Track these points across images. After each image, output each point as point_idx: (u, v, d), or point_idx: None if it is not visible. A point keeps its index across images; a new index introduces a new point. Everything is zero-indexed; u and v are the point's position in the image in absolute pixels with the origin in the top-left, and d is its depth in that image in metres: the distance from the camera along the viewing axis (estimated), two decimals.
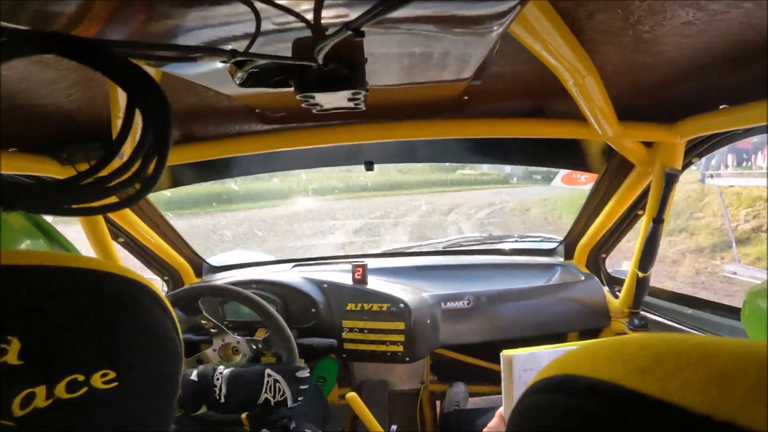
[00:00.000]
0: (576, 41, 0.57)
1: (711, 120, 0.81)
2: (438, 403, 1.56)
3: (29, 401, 0.25)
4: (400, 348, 1.21)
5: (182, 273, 1.46)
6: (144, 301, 0.32)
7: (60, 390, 0.26)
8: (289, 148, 0.99)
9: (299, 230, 7.33)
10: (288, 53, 0.47)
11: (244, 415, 0.96)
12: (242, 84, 0.49)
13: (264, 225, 7.67)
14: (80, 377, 0.27)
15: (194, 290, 1.04)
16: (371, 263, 1.37)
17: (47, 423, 0.25)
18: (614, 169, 1.16)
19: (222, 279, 1.40)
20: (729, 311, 1.04)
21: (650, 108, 0.86)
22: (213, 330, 1.07)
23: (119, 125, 0.70)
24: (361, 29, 0.37)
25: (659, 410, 0.15)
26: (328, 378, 1.43)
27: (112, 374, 0.28)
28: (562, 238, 1.52)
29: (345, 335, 1.24)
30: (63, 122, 0.76)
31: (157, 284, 1.45)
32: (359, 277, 1.28)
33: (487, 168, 12.61)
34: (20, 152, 0.80)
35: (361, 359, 1.27)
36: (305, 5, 0.38)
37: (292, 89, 0.49)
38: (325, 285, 1.29)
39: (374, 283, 1.30)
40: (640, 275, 1.11)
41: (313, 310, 1.26)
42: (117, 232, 1.21)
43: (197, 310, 1.05)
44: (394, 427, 1.08)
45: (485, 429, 0.64)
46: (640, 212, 1.19)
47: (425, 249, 1.90)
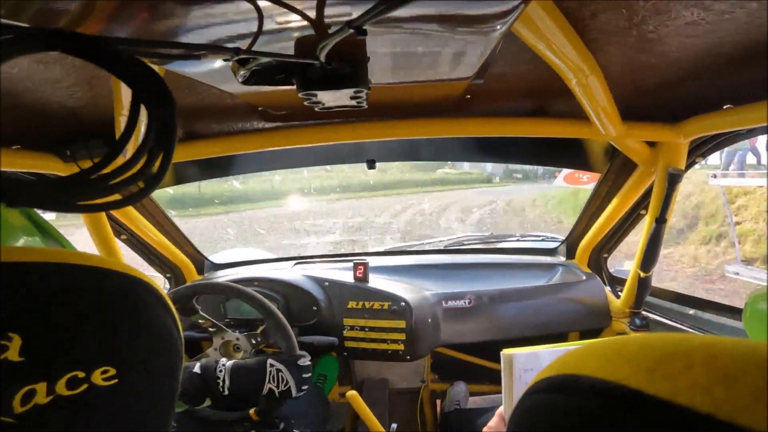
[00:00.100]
0: (579, 41, 0.57)
1: (715, 120, 0.80)
2: (438, 402, 1.56)
3: (30, 398, 0.25)
4: (401, 346, 1.21)
5: (184, 270, 1.47)
6: (145, 299, 0.32)
7: (60, 387, 0.26)
8: (291, 146, 0.99)
9: (284, 228, 7.28)
10: (290, 51, 0.47)
11: (253, 411, 0.96)
12: (245, 82, 0.49)
13: (243, 223, 7.71)
14: (81, 374, 0.27)
15: (190, 289, 1.04)
16: (372, 261, 1.38)
17: (47, 420, 0.25)
18: (617, 169, 1.16)
19: (224, 276, 1.40)
20: (731, 312, 1.04)
21: (653, 108, 0.86)
22: (211, 329, 1.07)
23: (122, 123, 0.71)
24: (364, 28, 0.37)
25: (660, 410, 0.15)
26: (329, 376, 1.43)
27: (113, 371, 0.28)
28: (564, 238, 1.52)
29: (346, 333, 1.24)
30: (66, 120, 0.76)
31: (159, 281, 1.46)
32: (360, 276, 1.28)
33: (469, 167, 12.45)
34: (23, 149, 0.80)
35: (362, 357, 1.27)
36: (308, 3, 0.38)
37: (295, 87, 0.49)
38: (327, 283, 1.30)
39: (375, 282, 1.30)
40: (642, 275, 1.11)
41: (315, 308, 1.26)
42: (119, 229, 1.21)
43: (193, 309, 1.05)
44: (395, 426, 1.08)
45: (485, 428, 0.64)
46: (643, 212, 1.19)
47: (426, 247, 1.90)
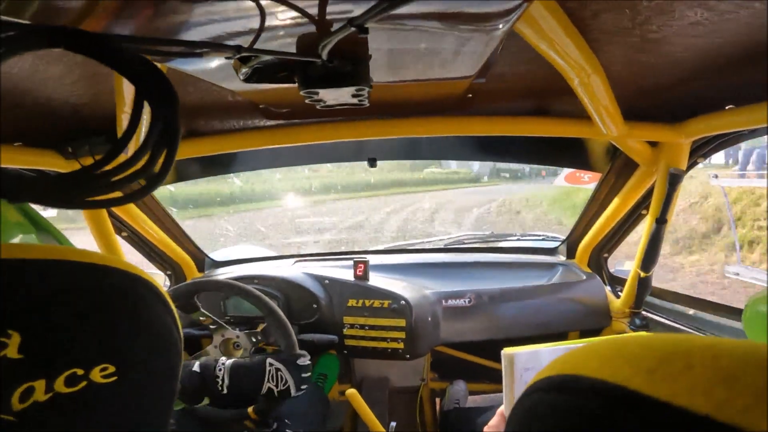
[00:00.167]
0: (582, 40, 0.57)
1: (717, 120, 0.80)
2: (438, 401, 1.57)
3: (28, 395, 0.25)
4: (401, 345, 1.21)
5: (185, 267, 1.47)
6: (145, 297, 0.32)
7: (59, 384, 0.26)
8: (293, 144, 0.99)
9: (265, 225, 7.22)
10: (292, 49, 0.47)
11: (251, 409, 0.96)
12: (247, 79, 0.49)
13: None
14: (80, 371, 0.26)
15: (190, 286, 1.04)
16: (373, 259, 1.38)
17: (46, 417, 0.25)
18: (618, 169, 1.16)
19: (224, 274, 1.40)
20: (731, 312, 1.04)
21: (655, 107, 0.86)
22: (212, 326, 1.07)
23: (124, 120, 0.71)
24: (366, 26, 0.37)
25: (660, 411, 0.15)
26: (330, 375, 1.43)
27: (112, 369, 0.28)
28: (565, 237, 1.52)
29: (346, 331, 1.25)
30: (68, 117, 0.76)
31: (159, 279, 1.46)
32: (361, 274, 1.29)
33: (456, 166, 12.30)
34: (25, 146, 0.80)
35: (362, 356, 1.28)
36: (310, 1, 0.38)
37: (296, 85, 0.49)
38: (327, 281, 1.30)
39: (376, 280, 1.30)
40: (642, 275, 1.11)
41: (315, 306, 1.26)
42: (120, 226, 1.22)
43: (194, 307, 1.05)
44: (393, 425, 1.08)
45: (486, 428, 0.64)
46: (644, 212, 1.18)
47: (427, 246, 1.90)
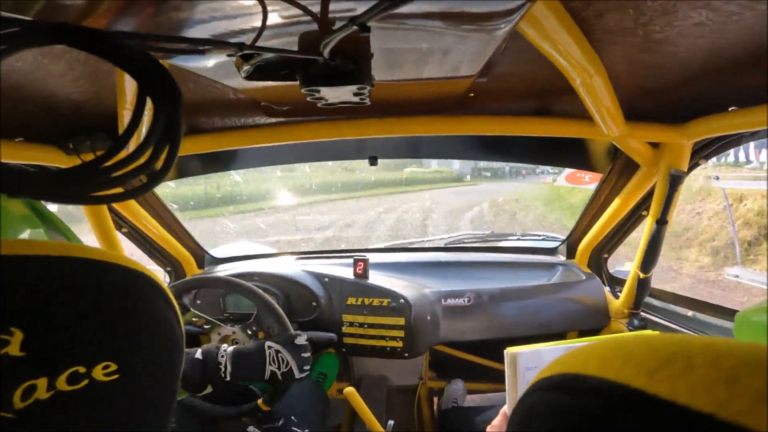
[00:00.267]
0: (585, 40, 0.56)
1: (719, 122, 0.80)
2: (436, 400, 1.57)
3: (30, 393, 0.24)
4: (400, 344, 1.21)
5: (185, 264, 1.47)
6: (147, 293, 0.32)
7: (61, 382, 0.25)
8: (294, 142, 0.99)
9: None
10: (294, 47, 0.47)
11: (260, 400, 0.97)
12: (248, 77, 0.49)
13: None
14: (81, 369, 0.26)
15: (173, 288, 1.05)
16: (373, 258, 1.38)
17: (48, 415, 0.25)
18: (619, 169, 1.16)
19: (224, 270, 1.40)
20: (729, 314, 1.04)
21: (657, 108, 0.86)
22: (206, 326, 1.08)
23: (126, 116, 0.71)
24: (368, 24, 0.37)
25: (661, 410, 0.15)
26: (329, 374, 1.44)
27: (114, 366, 0.28)
28: (565, 237, 1.52)
29: (345, 329, 1.25)
30: (70, 113, 0.76)
31: (159, 275, 1.46)
32: (360, 272, 1.29)
33: (437, 165, 12.07)
34: (27, 142, 0.80)
35: (361, 354, 1.28)
36: None
37: (298, 83, 0.49)
38: (327, 279, 1.30)
39: (375, 278, 1.30)
40: (642, 276, 1.11)
41: (314, 304, 1.26)
42: (121, 222, 1.22)
43: (185, 308, 1.05)
44: (391, 423, 1.09)
45: (489, 427, 0.64)
46: (645, 213, 1.18)
47: (427, 245, 1.90)
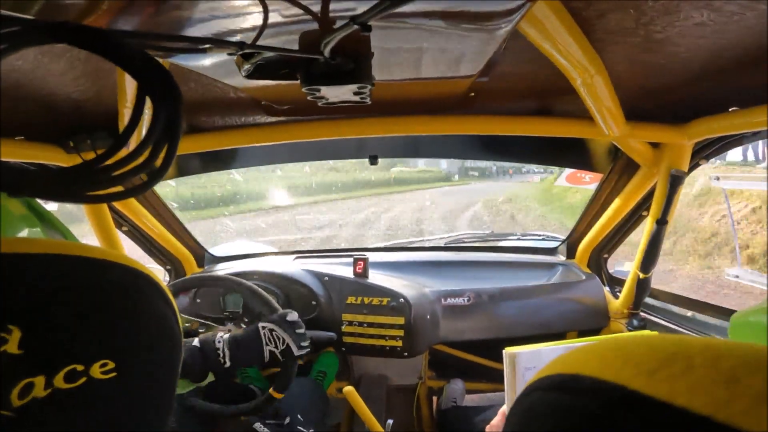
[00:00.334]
0: (586, 40, 0.56)
1: (720, 122, 0.80)
2: (435, 399, 1.57)
3: (28, 391, 0.24)
4: (399, 343, 1.21)
5: (184, 263, 1.47)
6: (146, 292, 0.32)
7: (59, 380, 0.25)
8: (294, 141, 0.99)
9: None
10: (295, 46, 0.47)
11: (271, 389, 0.99)
12: (249, 76, 0.49)
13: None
14: (79, 367, 0.26)
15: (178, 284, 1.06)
16: (372, 257, 1.38)
17: (46, 413, 0.25)
18: (620, 169, 1.16)
19: (224, 269, 1.40)
20: (728, 314, 1.04)
21: (658, 108, 0.85)
22: (201, 330, 1.09)
23: (126, 115, 0.71)
24: (368, 23, 0.37)
25: (660, 411, 0.15)
26: (329, 373, 1.44)
27: (112, 365, 0.28)
28: (565, 237, 1.52)
29: (345, 329, 1.25)
30: (70, 112, 0.76)
31: (159, 274, 1.46)
32: (360, 271, 1.29)
33: (424, 164, 12.07)
34: (27, 140, 0.80)
35: (360, 353, 1.28)
36: None
37: (298, 82, 0.49)
38: (326, 278, 1.30)
39: (375, 277, 1.30)
40: (642, 276, 1.11)
41: (314, 303, 1.26)
42: (121, 221, 1.22)
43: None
44: (390, 422, 1.09)
45: (488, 427, 0.64)
46: (645, 213, 1.18)
47: (426, 244, 1.90)
